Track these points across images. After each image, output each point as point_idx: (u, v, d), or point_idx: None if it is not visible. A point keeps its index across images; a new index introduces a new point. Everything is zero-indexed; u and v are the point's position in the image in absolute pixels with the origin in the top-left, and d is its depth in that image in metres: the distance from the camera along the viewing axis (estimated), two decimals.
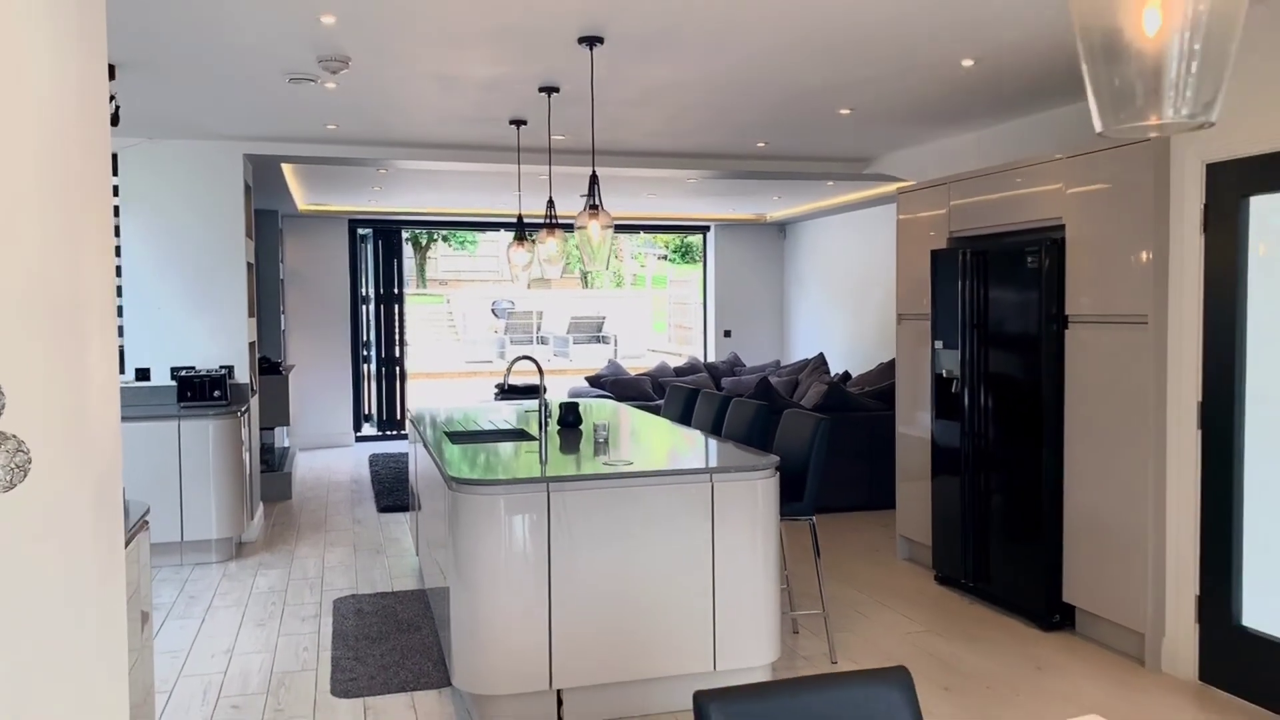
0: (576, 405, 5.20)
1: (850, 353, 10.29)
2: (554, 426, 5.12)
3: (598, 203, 4.22)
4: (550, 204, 5.16)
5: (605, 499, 3.68)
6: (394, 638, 4.62)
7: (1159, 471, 4.15)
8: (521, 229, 6.04)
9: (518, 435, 5.01)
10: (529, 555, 3.59)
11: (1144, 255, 4.16)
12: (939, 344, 5.45)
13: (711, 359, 12.04)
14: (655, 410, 7.12)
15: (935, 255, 5.48)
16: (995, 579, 5.00)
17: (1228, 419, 3.88)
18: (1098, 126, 0.99)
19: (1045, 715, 3.73)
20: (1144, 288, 4.16)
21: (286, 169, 7.64)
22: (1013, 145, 5.95)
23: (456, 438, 4.84)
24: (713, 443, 4.59)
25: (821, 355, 9.60)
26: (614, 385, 10.39)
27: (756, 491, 3.88)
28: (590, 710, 3.70)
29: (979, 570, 5.12)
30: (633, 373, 11.42)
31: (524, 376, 11.79)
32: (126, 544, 2.75)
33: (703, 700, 1.67)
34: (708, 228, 12.21)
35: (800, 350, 11.58)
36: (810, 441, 4.59)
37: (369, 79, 4.82)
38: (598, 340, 21.14)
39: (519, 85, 4.99)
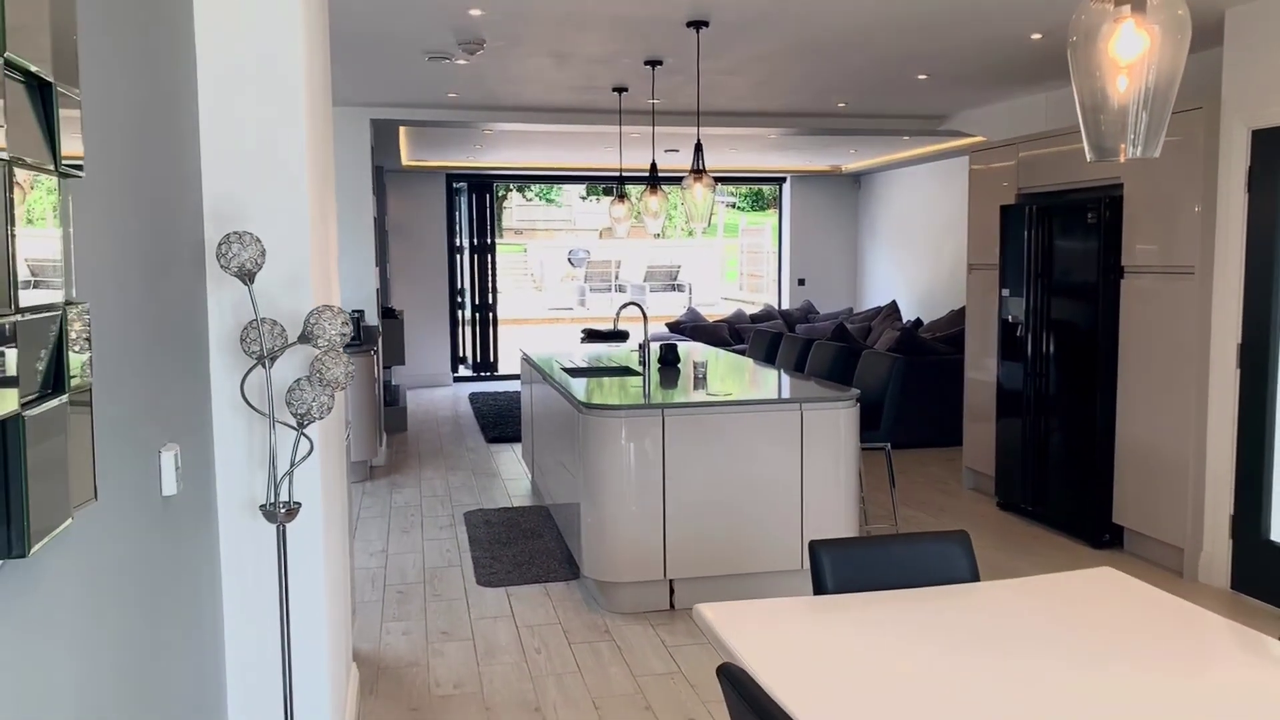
0: (675, 346, 5.86)
1: (922, 300, 10.75)
2: (654, 365, 5.78)
3: (702, 167, 4.82)
4: (653, 166, 5.76)
5: (710, 423, 4.34)
6: (521, 542, 5.39)
7: (1201, 406, 4.66)
8: (622, 185, 6.66)
9: (624, 371, 5.69)
10: (647, 468, 4.28)
11: (1193, 212, 4.62)
12: (1006, 292, 5.96)
13: (786, 306, 12.59)
14: (737, 354, 7.74)
15: (1004, 210, 5.96)
16: (1052, 504, 5.56)
17: (1263, 359, 4.37)
18: (1088, 158, 1.57)
19: None
20: (1192, 241, 4.63)
21: (400, 130, 8.36)
22: None
23: (574, 374, 5.54)
24: (798, 379, 5.21)
25: (894, 303, 10.09)
26: (693, 331, 11.04)
27: (839, 419, 4.51)
28: (696, 597, 4.40)
29: (1037, 496, 5.68)
30: (710, 319, 12.05)
31: (604, 323, 12.49)
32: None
33: (816, 546, 2.33)
34: (784, 179, 12.67)
35: (873, 298, 12.05)
36: (886, 378, 5.18)
37: (494, 56, 5.46)
38: (673, 288, 21.77)
39: (626, 59, 5.58)
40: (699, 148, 4.83)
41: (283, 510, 2.13)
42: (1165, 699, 1.70)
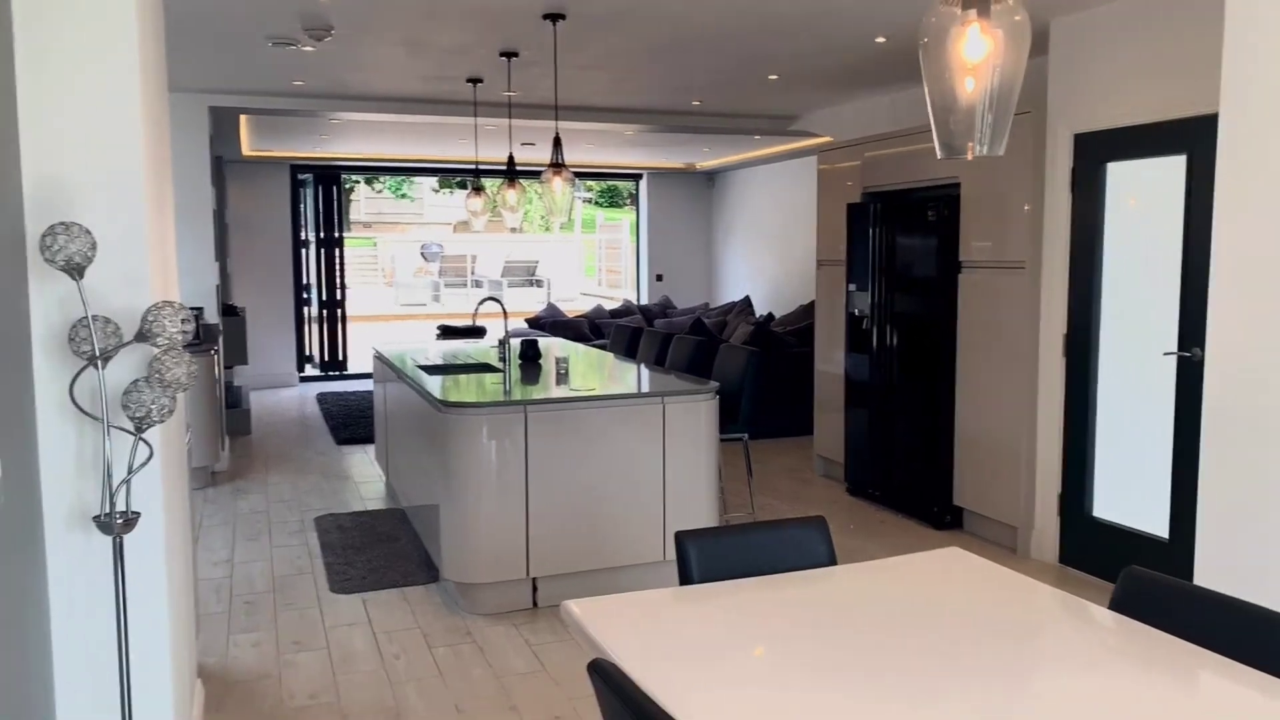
0: (536, 342, 5.81)
1: (774, 295, 11.05)
2: (515, 361, 5.71)
3: (561, 161, 4.79)
4: (511, 160, 5.69)
5: (573, 419, 4.32)
6: (376, 547, 5.22)
7: (1031, 393, 4.97)
8: (478, 178, 6.55)
9: (483, 368, 5.60)
10: (509, 466, 4.22)
11: (1023, 210, 4.92)
12: (852, 287, 6.19)
13: (644, 301, 12.70)
14: (599, 349, 7.75)
15: (850, 208, 6.19)
16: (897, 488, 5.82)
17: (1086, 348, 4.70)
18: (939, 155, 1.64)
19: None
20: (1022, 238, 4.93)
21: (241, 118, 7.95)
22: (923, 106, 6.66)
23: (431, 371, 5.41)
24: (659, 373, 5.26)
25: (747, 298, 10.33)
26: (553, 326, 10.99)
27: (700, 412, 4.57)
28: (561, 594, 4.37)
29: (884, 481, 5.93)
30: (569, 315, 12.02)
31: (460, 320, 12.27)
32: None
33: (682, 537, 2.35)
34: (640, 175, 12.77)
35: (728, 293, 12.31)
36: (743, 371, 5.30)
37: (343, 43, 5.26)
38: (531, 284, 21.62)
39: (481, 50, 5.48)
40: (558, 142, 4.80)
41: (120, 521, 1.98)
42: (1005, 662, 1.80)
